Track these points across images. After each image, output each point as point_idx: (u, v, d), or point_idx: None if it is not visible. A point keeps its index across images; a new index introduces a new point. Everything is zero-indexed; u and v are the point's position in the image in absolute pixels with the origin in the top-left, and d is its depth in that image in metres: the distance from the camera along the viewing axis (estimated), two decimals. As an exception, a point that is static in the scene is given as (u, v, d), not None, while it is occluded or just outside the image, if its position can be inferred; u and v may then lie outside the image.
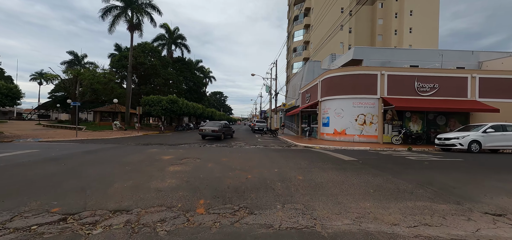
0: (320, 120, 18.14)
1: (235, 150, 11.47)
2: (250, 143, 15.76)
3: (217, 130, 16.85)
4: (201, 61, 66.33)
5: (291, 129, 32.82)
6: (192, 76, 51.62)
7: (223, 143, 15.29)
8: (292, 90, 31.05)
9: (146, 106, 27.61)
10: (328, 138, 16.76)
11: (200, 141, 16.24)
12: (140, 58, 35.19)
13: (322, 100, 17.69)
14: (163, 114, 27.93)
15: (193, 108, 37.02)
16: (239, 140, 17.98)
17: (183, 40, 48.83)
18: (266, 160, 8.22)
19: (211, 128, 16.98)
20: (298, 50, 43.36)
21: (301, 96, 24.98)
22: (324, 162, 8.02)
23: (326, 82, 17.26)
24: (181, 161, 7.48)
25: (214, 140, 17.13)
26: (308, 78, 25.02)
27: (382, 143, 14.90)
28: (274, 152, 10.91)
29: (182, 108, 30.47)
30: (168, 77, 38.57)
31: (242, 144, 14.88)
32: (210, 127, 17.09)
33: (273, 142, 16.64)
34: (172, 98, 28.34)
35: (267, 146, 13.98)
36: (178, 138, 17.99)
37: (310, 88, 21.01)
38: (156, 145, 12.87)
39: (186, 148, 11.56)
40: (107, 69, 36.74)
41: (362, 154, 10.79)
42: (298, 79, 28.98)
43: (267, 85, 36.44)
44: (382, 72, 15.02)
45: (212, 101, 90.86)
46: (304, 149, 12.79)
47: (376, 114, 15.25)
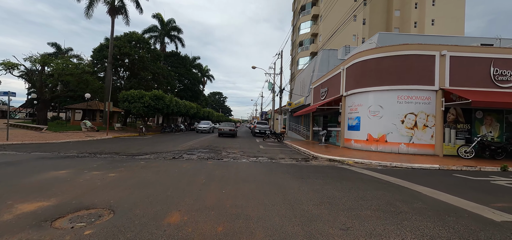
0: (344, 122, 13.43)
1: (223, 167, 6.78)
2: (249, 152, 11.07)
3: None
4: (198, 58, 61.78)
5: (297, 132, 28.09)
6: (187, 73, 47.03)
7: (210, 152, 10.58)
8: (300, 87, 26.39)
9: (125, 102, 22.99)
10: (358, 146, 12.03)
11: (180, 151, 11.55)
12: (124, 49, 30.62)
13: (348, 94, 12.99)
14: (146, 112, 23.26)
15: (184, 107, 32.36)
16: (234, 147, 13.28)
17: (178, 33, 44.34)
18: (279, 201, 3.57)
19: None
20: (305, 43, 38.77)
21: (312, 92, 20.28)
22: (423, 216, 3.31)
23: (354, 69, 12.55)
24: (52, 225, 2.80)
25: (197, 150, 12.44)
26: (322, 70, 20.35)
27: (442, 155, 10.16)
28: (288, 174, 6.21)
29: (170, 106, 25.80)
30: (157, 71, 33.93)
31: (238, 154, 10.19)
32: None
33: (281, 151, 11.94)
34: (157, 94, 23.68)
35: (274, 159, 9.28)
36: (154, 144, 13.30)
37: (327, 81, 16.31)
38: (99, 157, 8.17)
39: (137, 166, 6.87)
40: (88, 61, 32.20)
41: (439, 177, 6.08)
42: (307, 74, 24.30)
43: (269, 82, 31.78)
44: (442, 52, 10.32)
45: (210, 102, 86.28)
46: (332, 166, 8.09)
47: (432, 114, 10.53)
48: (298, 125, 30.21)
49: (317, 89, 18.83)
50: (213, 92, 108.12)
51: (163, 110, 24.55)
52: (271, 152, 11.44)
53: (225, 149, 11.93)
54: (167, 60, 45.80)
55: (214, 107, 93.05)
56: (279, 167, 7.35)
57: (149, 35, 41.81)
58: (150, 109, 23.28)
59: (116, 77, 34.76)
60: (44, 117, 24.71)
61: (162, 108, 24.30)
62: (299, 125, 30.35)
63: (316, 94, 19.20)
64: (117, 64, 32.40)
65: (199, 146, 12.97)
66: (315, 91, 19.48)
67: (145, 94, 23.31)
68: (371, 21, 37.86)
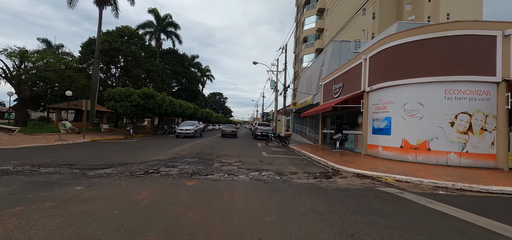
0: (366, 124, 10.87)
1: (208, 195, 4.23)
2: (249, 162, 8.55)
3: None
4: (197, 57, 59.45)
5: (303, 135, 25.54)
6: (184, 71, 44.65)
7: (198, 164, 8.08)
8: (306, 85, 23.86)
9: (111, 101, 20.51)
10: (388, 155, 9.46)
11: (159, 161, 9.05)
12: (115, 44, 28.22)
13: (373, 90, 10.44)
14: (134, 112, 20.78)
15: (180, 106, 29.88)
16: (230, 153, 10.74)
17: (175, 29, 41.85)
18: None
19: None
20: (310, 39, 36.27)
21: (322, 89, 17.74)
22: None
23: (382, 58, 9.99)
24: None
25: (182, 160, 9.96)
26: (333, 64, 17.82)
27: (507, 169, 7.57)
28: (315, 213, 3.65)
29: (162, 105, 23.32)
30: (151, 68, 31.51)
31: (234, 165, 7.67)
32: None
33: (289, 161, 9.41)
34: (147, 92, 21.20)
35: (283, 174, 6.75)
36: (133, 150, 10.82)
37: (342, 75, 13.78)
38: (31, 174, 5.65)
39: (60, 198, 4.37)
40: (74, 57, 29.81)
41: None
42: (315, 70, 21.78)
43: (272, 80, 29.28)
44: (506, 32, 7.76)
45: (210, 102, 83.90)
46: (368, 187, 5.56)
47: (492, 114, 7.97)
48: (303, 127, 27.66)
49: (328, 86, 16.27)
50: (213, 93, 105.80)
51: (154, 110, 22.07)
52: (278, 162, 8.89)
53: (219, 158, 9.39)
54: (163, 58, 43.40)
55: (214, 108, 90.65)
56: (295, 193, 4.81)
57: (144, 31, 39.40)
58: (139, 108, 20.79)
59: (107, 75, 32.37)
60: (24, 118, 22.22)
61: (153, 108, 21.81)
62: (305, 127, 27.80)
63: (326, 92, 16.64)
64: (108, 61, 30.03)
65: (188, 153, 10.43)
66: (326, 88, 16.93)
67: (134, 91, 20.83)
68: (380, 15, 35.32)
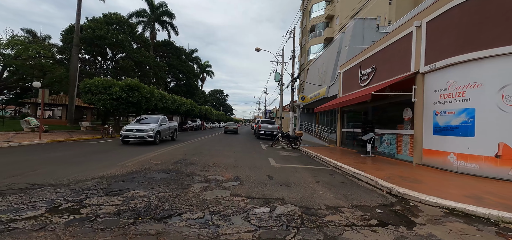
0: (422, 119, 7.50)
1: None
2: (251, 179, 5.30)
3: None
4: (196, 51, 56.27)
5: (312, 134, 22.20)
6: (181, 65, 41.34)
7: (165, 185, 4.78)
8: (317, 76, 20.47)
9: (87, 93, 17.28)
10: (469, 168, 6.06)
11: (100, 180, 5.70)
12: (99, 31, 25.01)
13: (436, 69, 7.03)
14: (115, 107, 17.54)
15: (173, 102, 26.63)
16: (224, 162, 7.48)
17: (171, 19, 38.53)
18: None
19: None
20: (318, 28, 32.81)
21: (340, 78, 14.40)
22: None
23: (455, 18, 6.46)
24: None
25: (144, 176, 6.62)
26: (355, 46, 14.41)
27: None
28: None
29: (150, 99, 20.06)
30: (141, 59, 28.26)
31: (227, 187, 4.41)
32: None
33: (313, 177, 6.11)
34: (130, 83, 17.93)
35: (316, 213, 3.47)
36: (89, 156, 7.69)
37: (375, 56, 10.42)
38: None
39: None
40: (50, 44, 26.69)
41: None
42: (329, 57, 18.41)
43: (276, 72, 25.92)
44: None
45: (210, 99, 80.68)
46: None
47: None
48: (312, 125, 24.31)
49: (351, 73, 12.91)
50: (214, 90, 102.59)
51: (140, 104, 18.80)
52: (297, 181, 5.59)
53: (206, 171, 6.09)
54: (157, 51, 40.15)
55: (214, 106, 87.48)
56: None
57: (137, 20, 36.14)
58: (121, 103, 17.54)
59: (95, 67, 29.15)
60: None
61: (139, 102, 18.53)
62: (314, 125, 24.44)
63: (348, 80, 13.28)
64: (93, 51, 26.82)
65: (161, 162, 7.16)
66: (346, 76, 13.56)
67: (114, 83, 17.57)
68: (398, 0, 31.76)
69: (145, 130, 11.63)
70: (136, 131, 11.52)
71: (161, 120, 13.21)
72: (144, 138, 11.49)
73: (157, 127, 12.38)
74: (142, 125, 12.08)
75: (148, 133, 11.61)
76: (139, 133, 11.51)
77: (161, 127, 12.91)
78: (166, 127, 13.62)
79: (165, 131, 13.45)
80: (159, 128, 12.57)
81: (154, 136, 11.77)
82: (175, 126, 15.57)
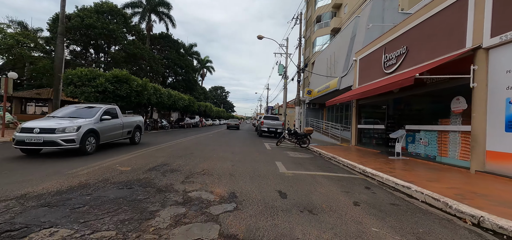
0: (485, 111, 5.56)
1: None
2: (254, 198, 3.43)
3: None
4: (195, 45, 54.21)
5: (319, 131, 20.28)
6: (179, 59, 39.44)
7: (134, 193, 2.82)
8: (326, 68, 18.49)
9: (70, 85, 15.46)
10: None
11: (39, 197, 3.70)
12: (88, 19, 23.15)
13: (509, 41, 5.05)
14: (101, 100, 15.70)
15: (169, 97, 24.78)
16: (218, 169, 5.62)
17: (168, 10, 36.50)
18: None
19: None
20: (324, 18, 30.72)
21: (356, 66, 12.48)
22: None
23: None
24: None
25: (94, 199, 4.58)
26: (373, 30, 12.43)
27: None
28: None
29: (142, 93, 18.24)
30: (135, 51, 26.36)
31: (216, 214, 2.50)
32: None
33: (347, 193, 4.21)
34: (118, 74, 16.10)
35: None
36: (42, 161, 5.80)
37: (406, 34, 8.49)
38: None
39: None
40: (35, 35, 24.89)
41: None
42: (340, 45, 16.43)
43: (280, 64, 23.98)
44: None
45: (210, 96, 78.80)
46: None
47: None
48: (319, 121, 22.38)
49: (371, 60, 10.96)
50: (215, 87, 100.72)
51: (130, 98, 16.97)
52: (325, 202, 3.71)
53: (189, 182, 4.22)
54: (154, 44, 38.23)
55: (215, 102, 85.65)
56: None
57: (132, 11, 34.18)
58: (107, 96, 15.71)
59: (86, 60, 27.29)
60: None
61: (128, 96, 16.71)
62: (320, 121, 22.51)
63: (367, 68, 11.34)
64: (81, 40, 24.98)
65: (135, 166, 5.31)
66: (365, 64, 11.61)
67: (100, 74, 15.74)
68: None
69: (58, 129, 6.19)
70: (40, 133, 6.06)
71: (102, 113, 7.65)
72: (58, 144, 6.10)
73: (91, 123, 7.01)
74: (56, 121, 6.63)
75: (65, 136, 6.18)
76: (47, 136, 6.04)
77: (102, 124, 7.47)
78: (113, 124, 8.12)
79: (111, 130, 7.95)
80: (97, 126, 7.20)
81: (79, 140, 6.40)
82: (136, 122, 9.76)
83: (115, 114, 8.49)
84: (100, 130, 7.37)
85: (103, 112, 7.76)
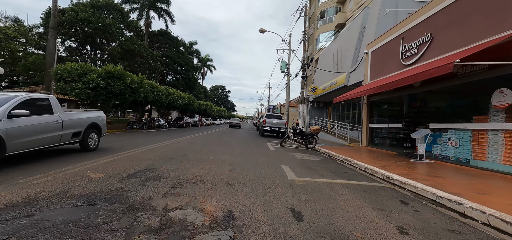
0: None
1: None
2: (262, 229, 2.39)
3: None
4: (195, 43, 53.39)
5: (323, 130, 19.23)
6: (178, 56, 38.52)
7: (92, 213, 1.78)
8: (332, 63, 17.46)
9: (59, 81, 14.52)
10: None
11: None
12: (83, 14, 22.24)
13: None
14: (93, 97, 14.76)
15: (167, 95, 23.83)
16: (211, 175, 4.62)
17: (167, 6, 35.56)
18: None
19: None
20: (328, 14, 29.64)
21: (367, 60, 11.46)
22: None
23: None
24: None
25: (37, 222, 3.40)
26: (385, 20, 11.38)
27: None
28: None
29: (138, 90, 17.29)
30: (131, 47, 25.42)
31: None
32: None
33: (386, 218, 3.16)
34: (111, 70, 15.14)
35: None
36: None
37: (431, 20, 7.44)
38: None
39: None
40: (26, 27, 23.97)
41: None
42: (348, 38, 15.41)
43: (283, 61, 22.97)
44: None
45: (211, 95, 77.90)
46: None
47: None
48: (324, 120, 21.36)
49: (385, 51, 9.94)
50: (215, 86, 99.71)
51: (124, 95, 16.01)
52: (358, 230, 2.69)
53: (173, 195, 3.22)
54: (153, 41, 37.31)
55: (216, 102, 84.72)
56: None
57: (130, 7, 33.26)
58: (100, 93, 14.76)
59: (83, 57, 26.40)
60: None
61: (122, 93, 15.75)
62: (325, 120, 21.48)
63: (381, 61, 10.31)
64: (76, 35, 24.08)
65: (111, 172, 4.33)
66: (378, 56, 10.59)
67: (91, 69, 14.78)
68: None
69: None
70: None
71: (14, 105, 4.66)
72: None
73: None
74: None
75: None
76: None
77: (13, 123, 4.54)
78: (40, 123, 5.20)
79: (35, 132, 5.05)
80: (4, 126, 4.36)
81: None
82: (90, 120, 6.93)
83: (45, 108, 5.53)
84: (9, 133, 4.41)
85: (17, 104, 4.72)
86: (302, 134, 11.03)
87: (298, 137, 11.14)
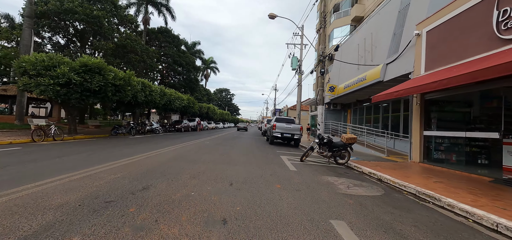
0: None
1: None
2: None
3: None
4: (198, 43, 50.85)
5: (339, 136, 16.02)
6: (179, 56, 35.92)
7: None
8: (358, 55, 14.36)
9: (24, 76, 11.81)
10: None
11: None
12: (69, 4, 19.77)
13: None
14: (64, 95, 11.96)
15: (162, 96, 21.07)
16: None
17: (167, 1, 33.10)
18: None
19: None
20: (343, 7, 26.64)
21: (420, 44, 8.38)
22: None
23: None
24: None
25: None
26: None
27: None
28: None
29: (123, 88, 14.48)
30: (124, 42, 22.81)
31: None
32: None
33: None
34: (88, 63, 12.35)
35: None
36: None
37: None
38: None
39: None
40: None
41: None
42: (382, 21, 12.35)
43: (294, 57, 20.00)
44: None
45: (214, 98, 75.32)
46: None
47: None
48: (340, 124, 18.18)
49: (459, 25, 6.87)
50: (219, 89, 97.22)
51: (105, 93, 13.20)
52: None
53: None
54: (152, 39, 34.84)
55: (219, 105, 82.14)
56: None
57: (127, 2, 30.94)
58: (73, 90, 11.98)
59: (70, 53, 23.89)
60: None
61: (102, 91, 12.95)
62: (342, 124, 18.29)
63: (447, 41, 7.23)
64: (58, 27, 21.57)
65: None
66: (440, 34, 7.51)
67: (62, 60, 12.04)
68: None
69: None
70: None
71: None
72: None
73: None
74: None
75: None
76: None
77: None
78: None
79: None
80: None
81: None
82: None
83: None
84: None
85: None
86: (331, 144, 7.92)
87: (325, 149, 8.04)
